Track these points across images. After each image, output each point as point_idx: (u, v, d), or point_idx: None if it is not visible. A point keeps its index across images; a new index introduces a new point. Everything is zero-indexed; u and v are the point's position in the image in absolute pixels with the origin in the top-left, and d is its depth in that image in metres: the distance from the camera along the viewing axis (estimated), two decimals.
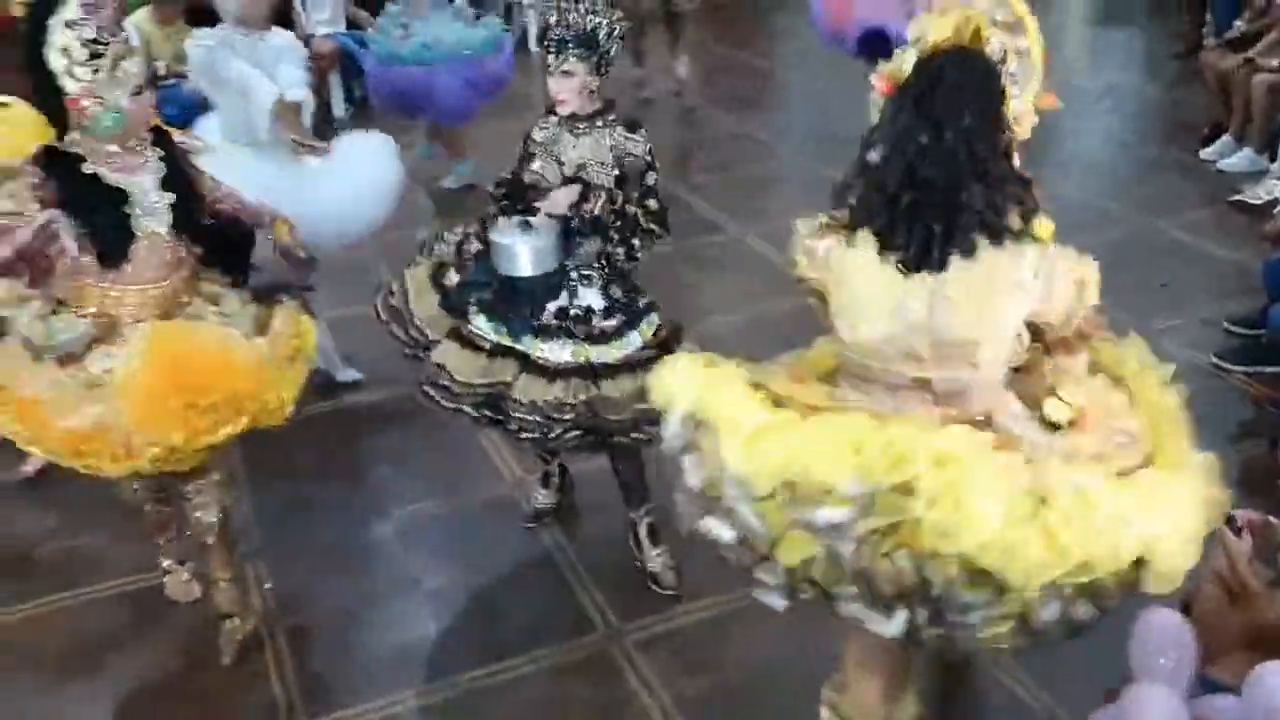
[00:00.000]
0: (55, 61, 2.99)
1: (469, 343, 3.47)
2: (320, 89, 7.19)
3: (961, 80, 2.25)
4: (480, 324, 3.49)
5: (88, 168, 3.07)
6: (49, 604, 3.82)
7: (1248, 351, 4.77)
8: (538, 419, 3.36)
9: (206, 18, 4.66)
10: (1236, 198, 6.35)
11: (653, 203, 3.45)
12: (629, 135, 3.46)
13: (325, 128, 6.07)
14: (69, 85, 3.02)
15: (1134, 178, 7.07)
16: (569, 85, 3.40)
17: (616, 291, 3.51)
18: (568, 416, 3.35)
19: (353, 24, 8.32)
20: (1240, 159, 6.77)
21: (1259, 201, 6.21)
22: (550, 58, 3.40)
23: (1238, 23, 7.17)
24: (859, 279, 2.34)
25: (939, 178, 2.23)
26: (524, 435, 3.45)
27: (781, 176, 7.51)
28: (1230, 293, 5.27)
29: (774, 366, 2.60)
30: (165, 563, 3.77)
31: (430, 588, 3.81)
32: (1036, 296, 2.31)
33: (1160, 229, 6.12)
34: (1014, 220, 2.27)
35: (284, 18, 7.34)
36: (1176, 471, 2.28)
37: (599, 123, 3.46)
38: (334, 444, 4.58)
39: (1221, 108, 7.01)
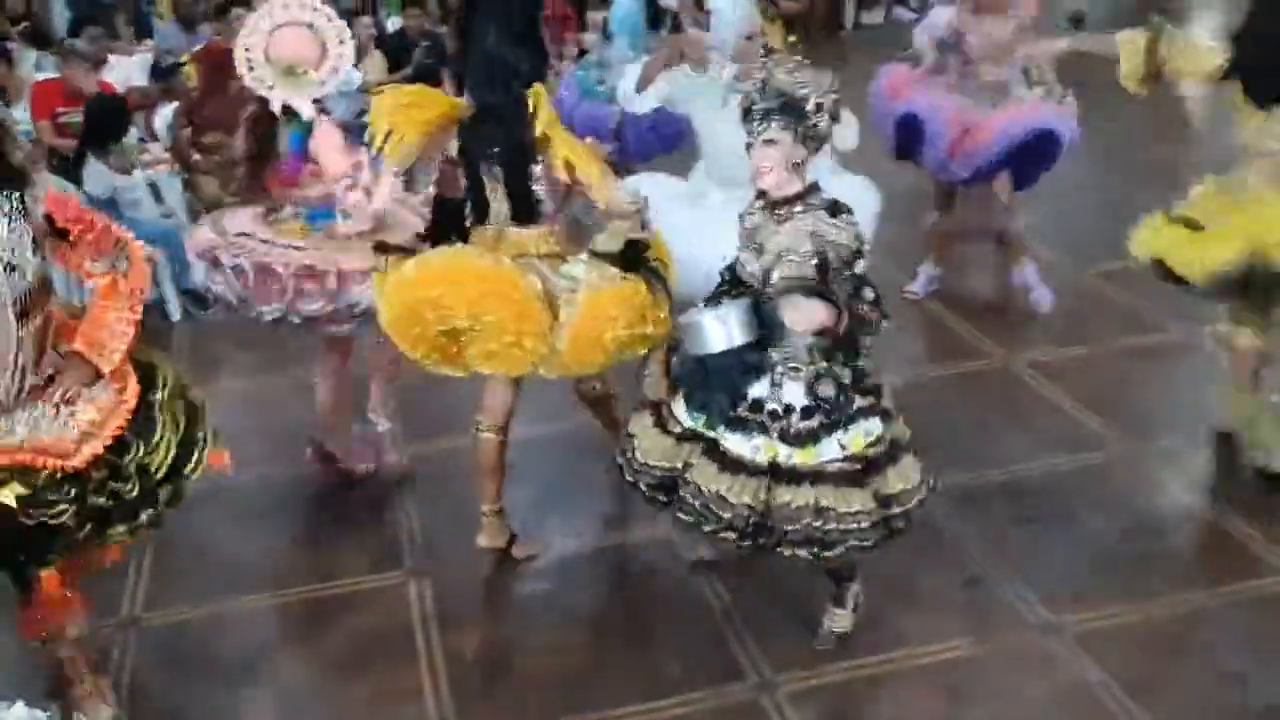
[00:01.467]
0: None
1: (663, 423, 3.42)
2: None
3: None
4: (678, 408, 3.41)
5: None
6: (221, 605, 4.00)
7: None
8: (697, 504, 3.28)
9: None
10: None
11: (867, 291, 3.26)
12: (831, 220, 3.20)
13: None
14: None
15: None
16: (771, 155, 3.20)
17: (827, 389, 3.23)
18: (726, 515, 3.24)
19: None
20: None
21: None
22: (752, 124, 3.23)
23: None
24: None
25: None
26: (682, 517, 3.36)
27: None
28: None
29: None
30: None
31: (587, 620, 3.86)
32: None
33: None
34: None
35: None
36: None
37: (798, 207, 3.23)
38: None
39: None
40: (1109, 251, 6.00)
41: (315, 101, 4.11)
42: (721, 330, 3.28)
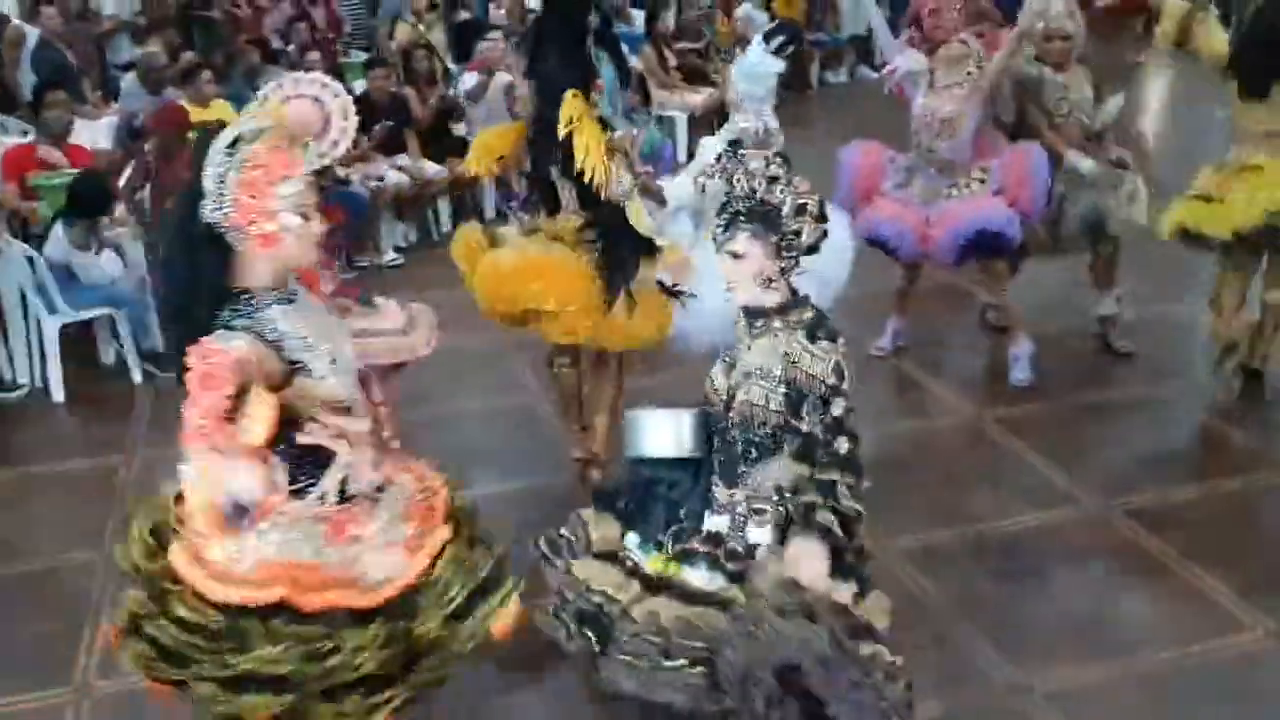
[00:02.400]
0: None
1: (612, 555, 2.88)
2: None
3: None
4: (628, 539, 2.88)
5: None
6: None
7: None
8: (652, 640, 2.65)
9: None
10: None
11: (842, 443, 2.63)
12: (808, 345, 2.67)
13: None
14: None
15: None
16: (740, 270, 2.70)
17: None
18: (694, 642, 2.62)
19: None
20: None
21: None
22: (718, 230, 2.73)
23: None
24: None
25: None
26: (626, 658, 2.67)
27: None
28: None
29: None
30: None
31: None
32: None
33: None
34: None
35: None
36: None
37: (776, 322, 2.72)
38: None
39: None
40: (1073, 309, 6.11)
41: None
42: (669, 433, 2.85)
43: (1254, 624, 3.89)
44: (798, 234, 2.69)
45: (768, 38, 4.64)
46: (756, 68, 4.53)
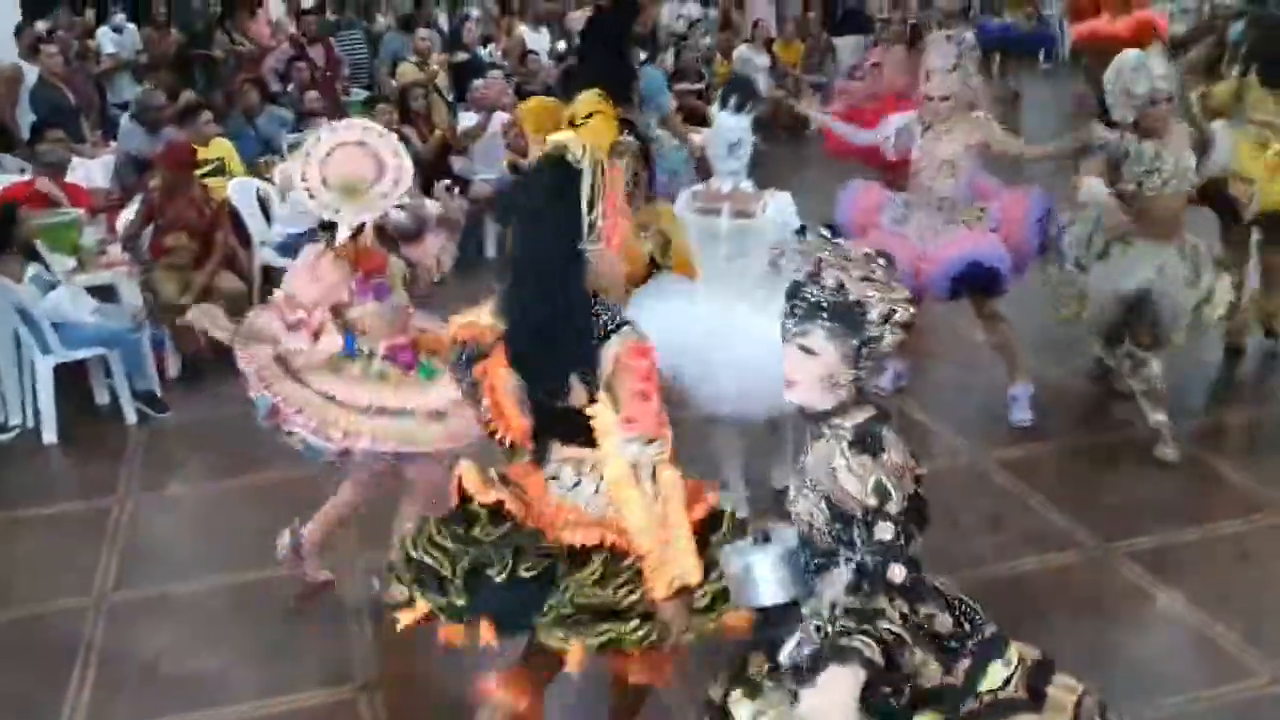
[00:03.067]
0: None
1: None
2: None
3: None
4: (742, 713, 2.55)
5: None
6: None
7: None
8: None
9: None
10: None
11: (896, 572, 2.29)
12: (849, 457, 2.34)
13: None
14: None
15: None
16: (806, 368, 2.38)
17: None
18: None
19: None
20: None
21: None
22: (789, 320, 2.40)
23: None
24: None
25: None
26: None
27: None
28: None
29: None
30: None
31: None
32: None
33: None
34: None
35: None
36: None
37: (824, 428, 2.42)
38: None
39: None
40: (1076, 349, 6.08)
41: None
42: (772, 581, 2.50)
43: (1259, 669, 3.83)
44: (879, 340, 2.38)
45: (723, 99, 4.60)
46: (722, 133, 4.50)
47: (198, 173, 7.20)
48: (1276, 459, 5.27)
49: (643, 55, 11.60)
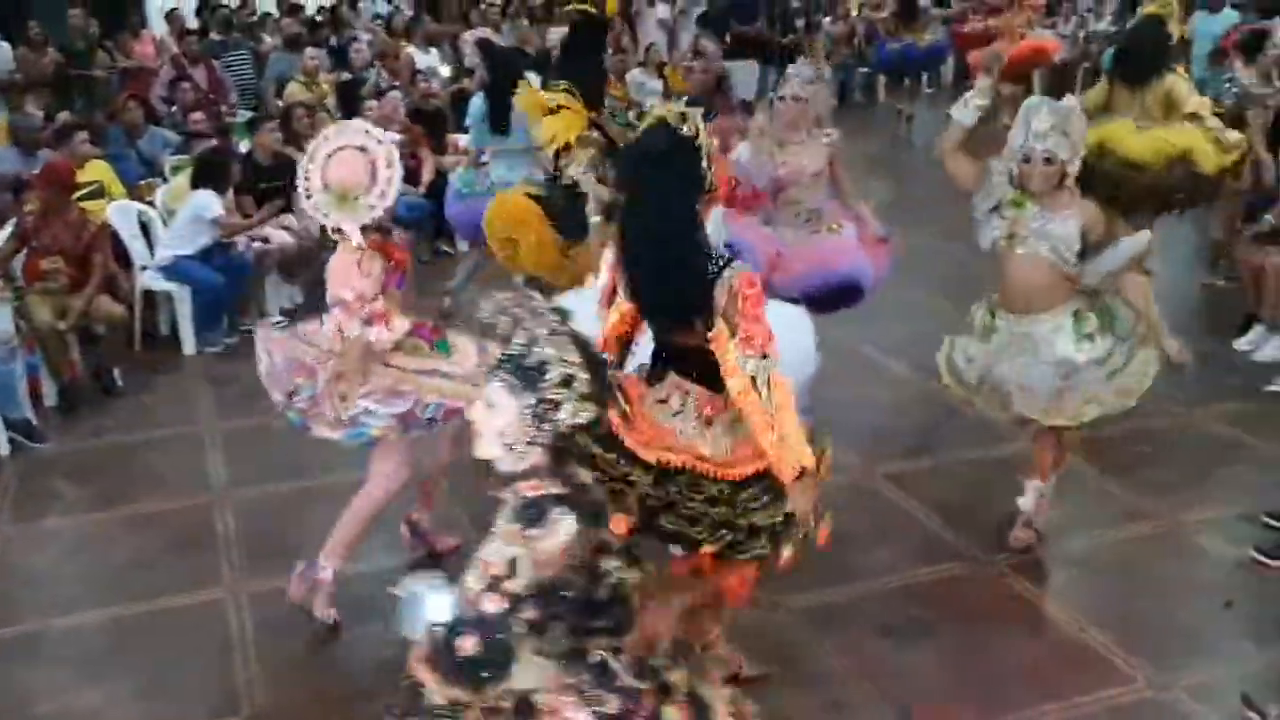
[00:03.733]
0: None
1: None
2: None
3: None
4: None
5: None
6: None
7: None
8: None
9: None
10: (1270, 389, 6.28)
11: (467, 643, 2.37)
12: (504, 524, 2.42)
13: None
14: None
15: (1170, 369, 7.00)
16: (485, 420, 2.44)
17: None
18: None
19: None
20: (1272, 349, 6.72)
21: None
22: (488, 374, 2.49)
23: (1268, 216, 7.19)
24: None
25: None
26: None
27: None
28: (1269, 486, 5.15)
29: None
30: None
31: None
32: None
33: (1197, 421, 6.03)
34: None
35: None
36: None
37: (510, 499, 2.47)
38: None
39: (1254, 298, 6.98)
40: None
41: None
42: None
43: (1134, 674, 3.94)
44: (556, 407, 2.40)
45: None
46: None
47: (74, 195, 6.99)
48: (1154, 470, 5.43)
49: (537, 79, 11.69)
